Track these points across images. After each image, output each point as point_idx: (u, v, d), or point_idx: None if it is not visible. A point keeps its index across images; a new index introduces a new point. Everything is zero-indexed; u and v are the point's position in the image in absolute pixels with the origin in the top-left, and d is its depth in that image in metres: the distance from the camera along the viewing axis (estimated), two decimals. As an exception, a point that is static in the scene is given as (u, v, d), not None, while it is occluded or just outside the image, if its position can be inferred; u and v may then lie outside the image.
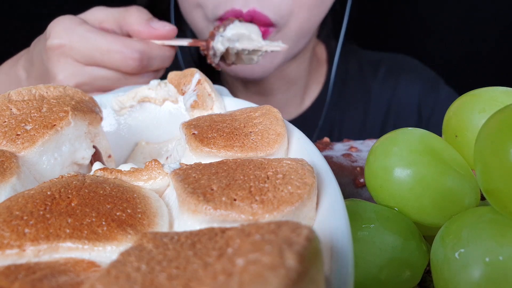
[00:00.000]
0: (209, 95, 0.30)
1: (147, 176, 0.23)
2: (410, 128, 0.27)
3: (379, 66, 0.75)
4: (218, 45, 0.45)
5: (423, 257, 0.24)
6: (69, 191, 0.20)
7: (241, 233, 0.15)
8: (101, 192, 0.20)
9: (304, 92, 0.74)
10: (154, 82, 0.33)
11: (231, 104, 0.31)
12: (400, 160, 0.25)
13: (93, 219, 0.19)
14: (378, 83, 0.74)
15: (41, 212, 0.19)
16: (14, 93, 0.27)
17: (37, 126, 0.25)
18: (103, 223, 0.18)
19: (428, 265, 0.25)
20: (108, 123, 0.33)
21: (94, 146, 0.29)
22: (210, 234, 0.15)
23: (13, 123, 0.25)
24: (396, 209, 0.25)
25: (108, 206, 0.20)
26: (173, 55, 0.46)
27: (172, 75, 0.32)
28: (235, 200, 0.18)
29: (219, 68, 0.48)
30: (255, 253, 0.13)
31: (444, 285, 0.21)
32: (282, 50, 0.46)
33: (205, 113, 0.29)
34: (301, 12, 0.55)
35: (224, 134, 0.24)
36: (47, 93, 0.28)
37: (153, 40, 0.44)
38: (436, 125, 0.69)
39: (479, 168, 0.21)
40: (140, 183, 0.23)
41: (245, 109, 0.27)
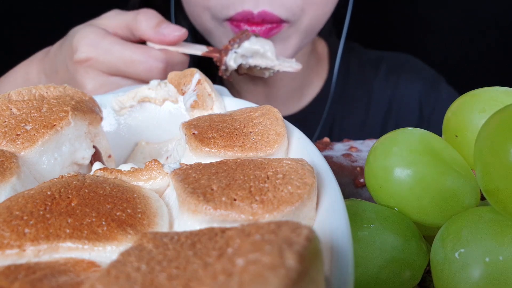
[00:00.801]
0: (209, 95, 0.30)
1: (147, 176, 0.23)
2: (410, 128, 0.27)
3: (380, 64, 0.75)
4: (230, 62, 0.45)
5: (423, 257, 0.24)
6: (69, 191, 0.20)
7: (241, 233, 0.15)
8: (101, 192, 0.20)
9: (303, 86, 0.74)
10: (154, 82, 0.33)
11: (231, 104, 0.31)
12: (400, 160, 0.24)
13: (93, 219, 0.18)
14: (379, 82, 0.74)
15: (41, 212, 0.19)
16: (14, 93, 0.27)
17: (37, 126, 0.25)
18: (103, 223, 0.18)
19: (428, 265, 0.25)
20: (108, 123, 0.33)
21: (94, 146, 0.29)
22: (210, 234, 0.15)
23: (13, 123, 0.25)
24: (396, 209, 0.25)
25: (108, 206, 0.20)
26: (188, 60, 0.48)
27: (172, 75, 0.32)
28: (235, 200, 0.18)
29: (231, 79, 0.48)
30: (255, 253, 0.13)
31: (444, 285, 0.21)
32: (294, 71, 0.45)
33: (205, 113, 0.29)
34: (312, 9, 0.55)
35: (224, 134, 0.24)
36: (47, 93, 0.28)
37: (168, 47, 0.45)
38: (437, 124, 0.69)
39: (479, 168, 0.21)
40: (140, 183, 0.23)
41: (245, 109, 0.27)
